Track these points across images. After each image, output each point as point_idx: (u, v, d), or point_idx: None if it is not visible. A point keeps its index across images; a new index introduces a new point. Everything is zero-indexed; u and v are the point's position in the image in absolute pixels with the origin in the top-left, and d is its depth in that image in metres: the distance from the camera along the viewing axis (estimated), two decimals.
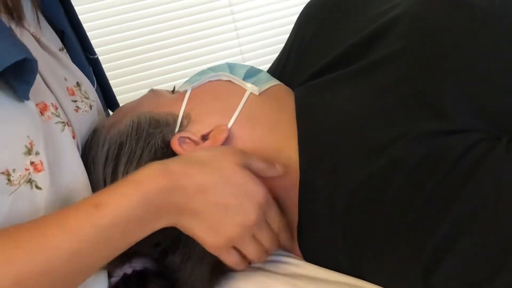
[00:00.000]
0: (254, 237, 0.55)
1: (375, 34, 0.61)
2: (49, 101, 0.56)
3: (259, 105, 0.63)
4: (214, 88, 0.65)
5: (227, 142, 0.60)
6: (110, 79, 0.88)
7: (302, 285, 0.56)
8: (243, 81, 0.65)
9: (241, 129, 0.61)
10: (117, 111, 0.69)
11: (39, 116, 0.52)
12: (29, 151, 0.50)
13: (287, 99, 0.66)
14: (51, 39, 0.67)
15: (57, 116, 0.56)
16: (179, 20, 1.77)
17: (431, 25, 0.57)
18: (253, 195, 0.53)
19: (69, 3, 0.76)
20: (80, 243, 0.45)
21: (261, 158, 0.57)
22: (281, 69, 0.74)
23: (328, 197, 0.55)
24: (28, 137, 0.50)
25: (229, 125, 0.61)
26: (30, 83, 0.49)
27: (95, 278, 0.57)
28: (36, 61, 0.48)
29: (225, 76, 0.66)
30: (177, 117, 0.62)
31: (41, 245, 0.44)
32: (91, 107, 0.65)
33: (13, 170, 0.48)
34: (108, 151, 0.60)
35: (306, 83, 0.66)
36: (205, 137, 0.61)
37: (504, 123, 0.53)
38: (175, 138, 0.59)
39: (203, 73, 0.69)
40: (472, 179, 0.48)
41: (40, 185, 0.51)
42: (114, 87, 0.88)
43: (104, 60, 0.88)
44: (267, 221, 0.56)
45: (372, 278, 0.55)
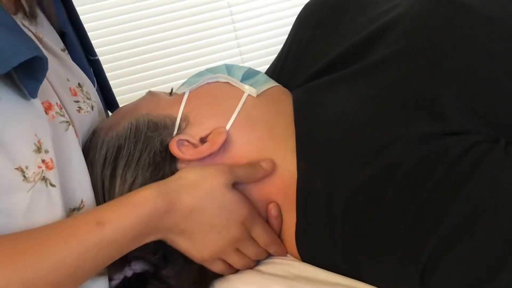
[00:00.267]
0: (238, 250, 0.60)
1: (375, 35, 0.61)
2: (54, 100, 0.56)
3: (257, 107, 0.63)
4: (212, 90, 0.65)
5: (225, 144, 0.60)
6: (109, 79, 0.87)
7: (300, 286, 0.56)
8: (241, 83, 0.65)
9: (239, 131, 0.61)
10: (115, 113, 0.69)
11: (45, 115, 0.53)
12: (38, 149, 0.51)
13: (285, 100, 0.66)
14: (53, 39, 0.67)
15: (62, 115, 0.56)
16: (178, 21, 1.77)
17: (431, 26, 0.57)
18: (236, 215, 0.57)
19: (71, 3, 0.76)
20: (82, 258, 0.50)
21: (245, 164, 0.59)
22: (279, 70, 0.74)
23: (326, 198, 0.55)
24: (36, 135, 0.51)
25: (227, 127, 0.61)
26: (40, 80, 0.50)
27: (95, 280, 0.57)
28: (46, 58, 0.49)
29: (223, 78, 0.66)
30: (175, 119, 0.62)
31: (45, 258, 0.47)
32: (92, 107, 0.66)
33: (26, 167, 0.49)
34: (106, 153, 0.60)
35: (305, 84, 0.66)
36: (203, 140, 0.61)
37: (503, 124, 0.53)
38: (173, 141, 0.59)
39: (201, 74, 0.69)
40: (471, 179, 0.48)
41: (53, 182, 0.52)
42: (113, 88, 0.88)
43: (103, 61, 0.88)
44: (252, 237, 0.60)
45: (370, 280, 0.55)
